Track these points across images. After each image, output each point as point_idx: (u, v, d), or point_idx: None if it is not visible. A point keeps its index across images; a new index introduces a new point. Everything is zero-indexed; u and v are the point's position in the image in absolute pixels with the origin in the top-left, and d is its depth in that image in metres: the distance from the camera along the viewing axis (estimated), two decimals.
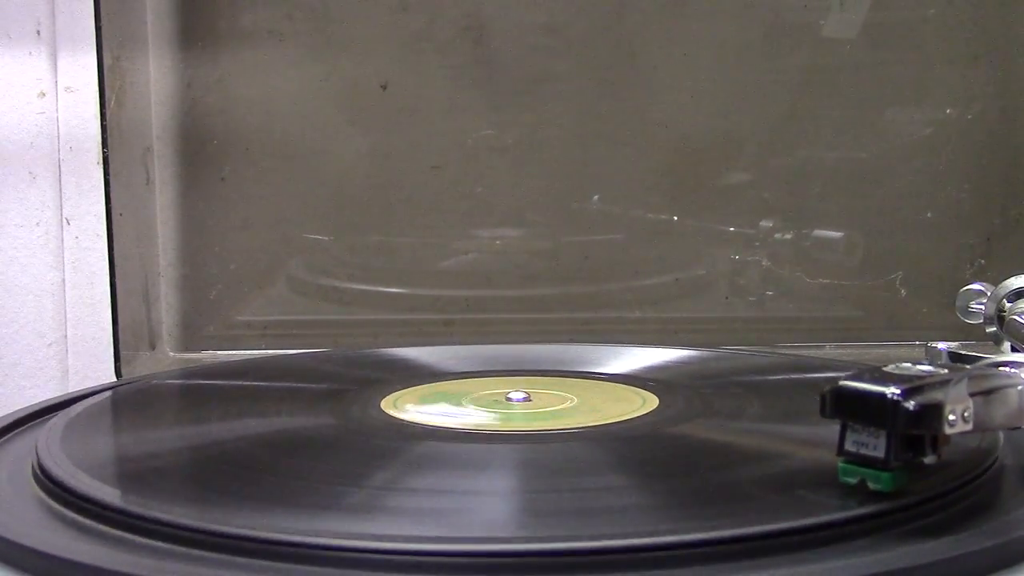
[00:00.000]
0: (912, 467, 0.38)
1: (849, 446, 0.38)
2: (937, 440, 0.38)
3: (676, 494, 0.42)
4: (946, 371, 0.38)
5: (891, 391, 0.37)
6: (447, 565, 0.35)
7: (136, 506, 0.39)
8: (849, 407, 0.38)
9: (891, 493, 0.38)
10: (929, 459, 0.38)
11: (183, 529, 0.37)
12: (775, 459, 0.46)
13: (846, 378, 0.38)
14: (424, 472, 0.45)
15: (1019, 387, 0.41)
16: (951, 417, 0.37)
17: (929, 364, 0.39)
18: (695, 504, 0.40)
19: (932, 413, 0.37)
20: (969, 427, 0.38)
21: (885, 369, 0.39)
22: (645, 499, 0.42)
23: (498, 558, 0.35)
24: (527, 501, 0.42)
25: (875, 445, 0.37)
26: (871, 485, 0.38)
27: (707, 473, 0.44)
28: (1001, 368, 0.43)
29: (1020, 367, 0.43)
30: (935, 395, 0.37)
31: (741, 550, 0.35)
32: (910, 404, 0.36)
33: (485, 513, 0.40)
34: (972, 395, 0.38)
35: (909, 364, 0.39)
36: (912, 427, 0.37)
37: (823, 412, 0.38)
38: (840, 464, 0.39)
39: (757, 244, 0.78)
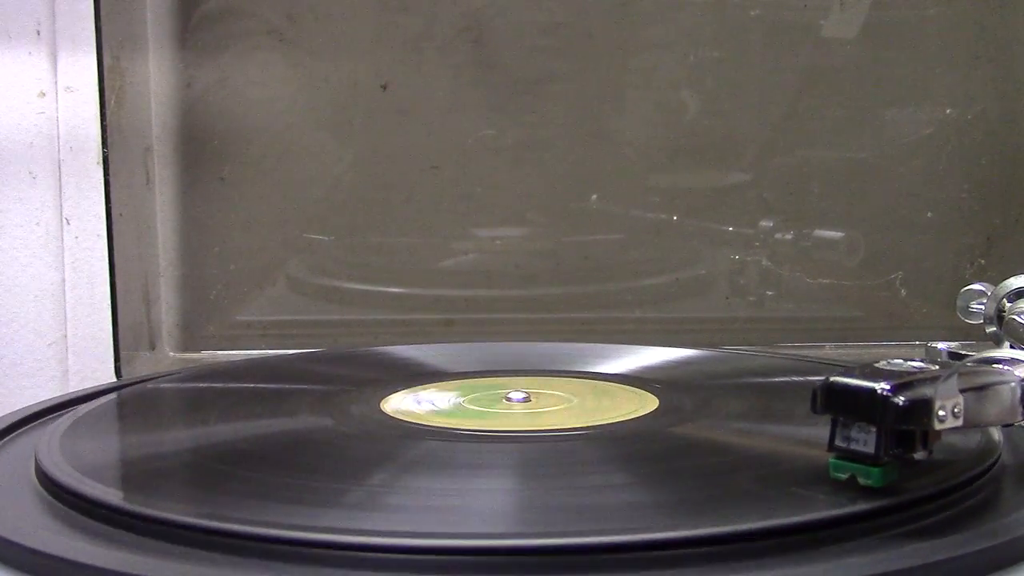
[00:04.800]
0: (902, 463, 0.38)
1: (840, 441, 0.38)
2: (928, 436, 0.38)
3: (675, 494, 0.42)
4: (937, 367, 0.38)
5: (881, 387, 0.37)
6: (446, 562, 0.35)
7: (136, 505, 0.39)
8: (840, 403, 0.38)
9: (892, 492, 0.38)
10: (919, 455, 0.38)
11: (183, 528, 0.37)
12: (775, 459, 0.46)
13: (837, 374, 0.38)
14: (423, 472, 0.45)
15: (1012, 384, 0.41)
16: (941, 413, 0.37)
17: (921, 361, 0.39)
18: (694, 503, 0.40)
19: (922, 409, 0.37)
20: (960, 423, 0.38)
21: (876, 365, 0.39)
22: (644, 498, 0.42)
23: (497, 555, 0.35)
24: (526, 500, 0.42)
25: (865, 441, 0.38)
26: (861, 481, 0.38)
27: (706, 473, 0.44)
28: (994, 365, 0.43)
29: (1013, 364, 0.43)
30: (925, 391, 0.37)
31: (740, 550, 0.35)
32: (900, 400, 0.37)
33: (484, 511, 0.40)
34: (963, 391, 0.38)
35: (900, 360, 0.39)
36: (902, 423, 0.37)
37: (814, 408, 0.38)
38: (831, 460, 0.39)
39: (757, 244, 0.78)
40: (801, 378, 0.60)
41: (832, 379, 0.38)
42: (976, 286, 0.58)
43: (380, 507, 0.41)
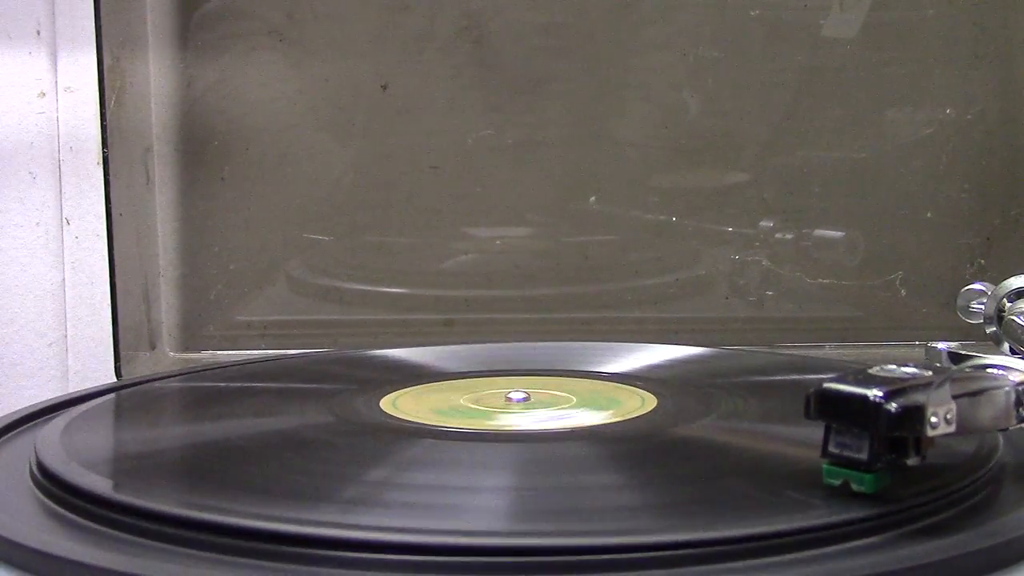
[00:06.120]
0: (896, 469, 0.38)
1: (833, 448, 0.38)
2: (920, 442, 0.38)
3: (675, 494, 0.42)
4: (930, 373, 0.38)
5: (873, 393, 0.37)
6: (443, 561, 0.35)
7: (136, 505, 0.39)
8: (832, 409, 0.38)
9: (892, 493, 0.38)
10: (912, 461, 0.38)
11: (183, 528, 0.37)
12: (774, 460, 0.46)
13: (829, 380, 0.38)
14: (423, 472, 0.45)
15: (1006, 388, 0.41)
16: (933, 419, 0.37)
17: (914, 366, 0.39)
18: (694, 504, 0.40)
19: (914, 415, 0.37)
20: (952, 429, 0.38)
21: (869, 371, 0.39)
22: (644, 499, 0.42)
23: (496, 554, 0.35)
24: (526, 500, 0.42)
25: (858, 447, 0.38)
26: (854, 487, 0.38)
27: (705, 474, 0.44)
28: (988, 370, 0.43)
29: (1006, 369, 0.43)
30: (917, 397, 0.37)
31: (739, 550, 0.35)
32: (892, 406, 0.37)
33: (483, 512, 0.40)
34: (956, 397, 0.38)
35: (894, 366, 0.39)
36: (894, 429, 0.37)
37: (807, 414, 0.38)
38: (824, 466, 0.39)
39: (757, 244, 0.78)
40: (801, 378, 0.60)
41: (824, 386, 0.38)
42: (976, 286, 0.58)
43: (379, 506, 0.41)
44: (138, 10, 0.75)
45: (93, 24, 0.69)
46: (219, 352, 0.78)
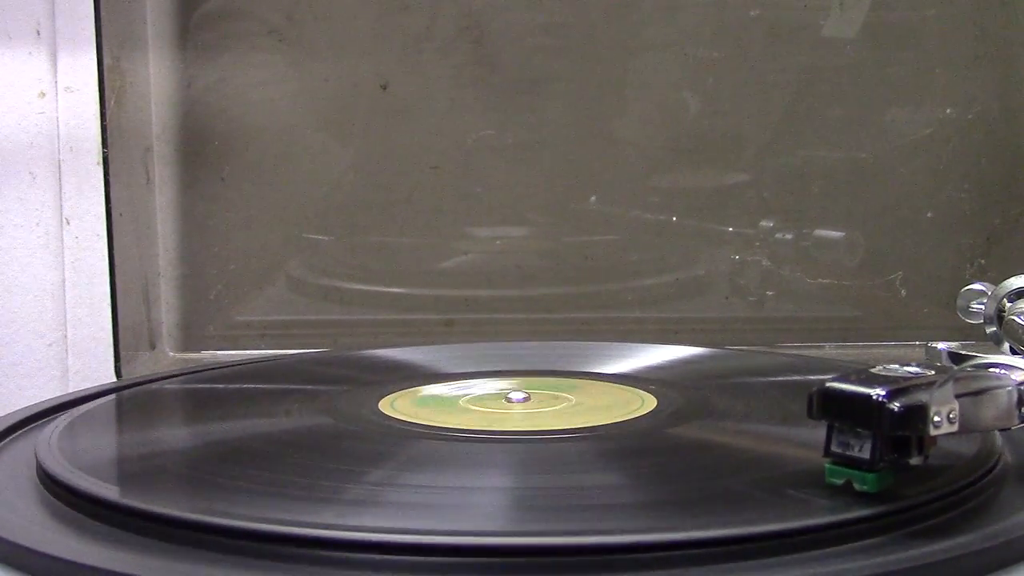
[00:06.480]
0: (898, 468, 0.38)
1: (835, 447, 0.38)
2: (923, 441, 0.38)
3: (675, 494, 0.42)
4: (932, 372, 0.38)
5: (876, 392, 0.37)
6: (444, 561, 0.35)
7: (136, 505, 0.39)
8: (835, 408, 0.38)
9: (893, 494, 0.38)
10: (915, 460, 0.38)
11: (183, 528, 0.37)
12: (774, 460, 0.46)
13: (832, 379, 0.38)
14: (422, 472, 0.45)
15: (1008, 388, 0.41)
16: (936, 419, 0.37)
17: (917, 365, 0.39)
18: (694, 505, 0.40)
19: (917, 414, 0.37)
20: (955, 428, 0.38)
21: (872, 370, 0.39)
22: (644, 499, 0.42)
23: (496, 554, 0.35)
24: (525, 500, 0.42)
25: (861, 446, 0.38)
26: (857, 486, 0.38)
27: (705, 474, 0.44)
28: (991, 369, 0.43)
29: (1009, 368, 0.43)
30: (920, 397, 0.37)
31: (739, 551, 0.35)
32: (895, 406, 0.37)
33: (483, 511, 0.40)
34: (959, 396, 0.38)
35: (896, 365, 0.39)
36: (897, 428, 0.37)
37: (810, 413, 0.38)
38: (827, 465, 0.39)
39: (757, 244, 0.78)
40: (801, 378, 0.60)
41: (827, 385, 0.38)
42: (976, 286, 0.58)
43: (379, 506, 0.41)
44: (138, 10, 0.75)
45: (93, 24, 0.69)
46: (219, 352, 0.78)
